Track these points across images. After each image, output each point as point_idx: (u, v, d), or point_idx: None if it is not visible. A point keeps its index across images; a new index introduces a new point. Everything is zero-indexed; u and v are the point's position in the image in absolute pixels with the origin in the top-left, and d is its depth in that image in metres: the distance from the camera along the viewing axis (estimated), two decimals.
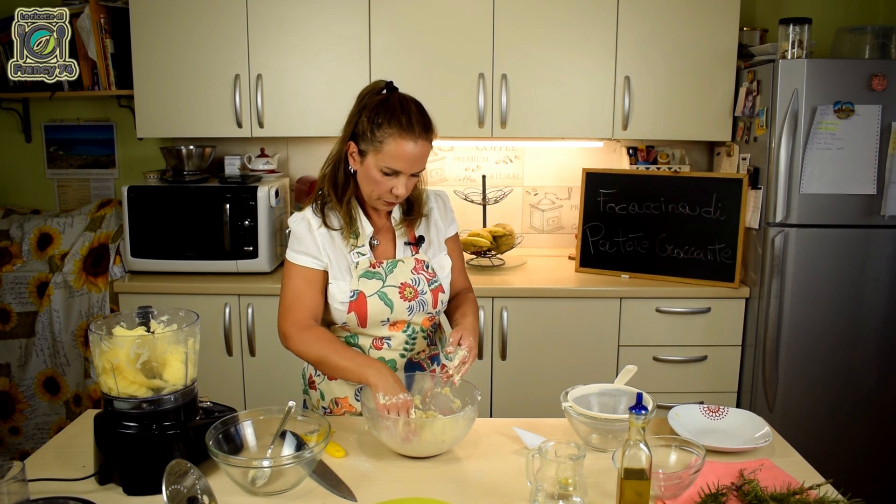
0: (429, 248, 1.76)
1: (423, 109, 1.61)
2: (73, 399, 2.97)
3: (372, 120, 1.57)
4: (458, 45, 2.84)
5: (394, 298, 1.67)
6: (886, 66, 2.54)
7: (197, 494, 1.22)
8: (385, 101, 1.58)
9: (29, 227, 3.02)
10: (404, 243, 1.74)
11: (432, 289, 1.71)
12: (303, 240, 1.67)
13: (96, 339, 1.37)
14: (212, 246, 2.81)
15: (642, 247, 2.92)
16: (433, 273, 1.73)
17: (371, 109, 1.58)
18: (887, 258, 2.64)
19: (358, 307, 1.65)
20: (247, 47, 2.83)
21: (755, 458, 1.50)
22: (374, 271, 1.68)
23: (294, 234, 1.69)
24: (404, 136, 1.55)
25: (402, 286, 1.68)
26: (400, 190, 1.60)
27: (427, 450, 1.50)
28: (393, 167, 1.57)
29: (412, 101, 1.62)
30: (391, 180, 1.60)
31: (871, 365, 2.70)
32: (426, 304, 1.71)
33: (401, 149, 1.56)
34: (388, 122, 1.56)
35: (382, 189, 1.61)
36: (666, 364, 2.82)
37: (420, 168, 1.61)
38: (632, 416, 1.23)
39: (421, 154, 1.59)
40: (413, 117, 1.57)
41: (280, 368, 2.79)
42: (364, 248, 1.68)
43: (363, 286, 1.66)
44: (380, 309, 1.66)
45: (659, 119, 2.91)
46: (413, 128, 1.56)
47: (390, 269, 1.69)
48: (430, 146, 1.61)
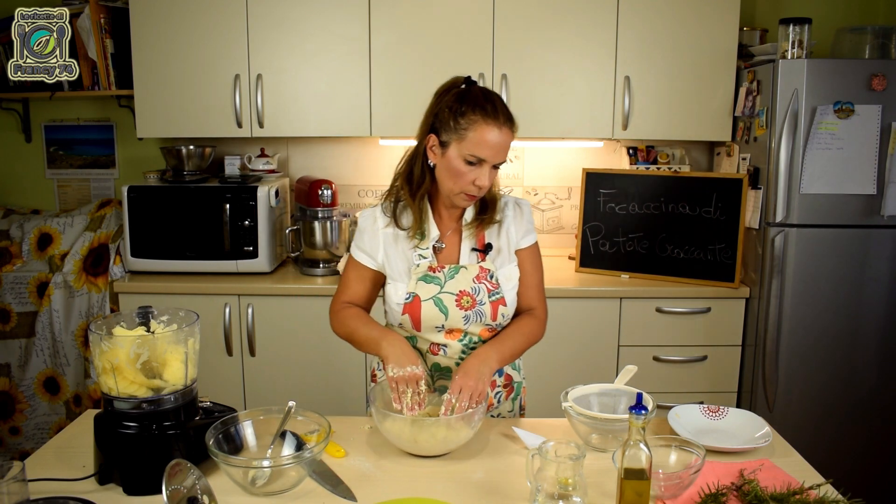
0: (497, 256, 1.70)
1: (505, 103, 1.60)
2: (73, 399, 2.97)
3: (455, 109, 1.55)
4: (458, 45, 2.84)
5: (449, 305, 1.63)
6: (886, 66, 2.54)
7: (197, 494, 1.22)
8: (467, 92, 1.58)
9: (29, 227, 3.02)
10: (471, 249, 1.69)
11: (492, 300, 1.66)
12: (363, 235, 1.69)
13: (96, 339, 1.37)
14: (212, 246, 2.81)
15: (642, 247, 2.92)
16: (496, 284, 1.67)
17: (453, 100, 1.57)
18: (887, 258, 2.64)
19: (412, 310, 1.63)
20: (247, 47, 2.83)
21: (755, 458, 1.50)
22: (433, 276, 1.65)
23: (359, 228, 1.71)
24: (489, 123, 1.53)
25: (459, 294, 1.64)
26: (483, 181, 1.57)
27: (434, 449, 1.50)
28: (477, 154, 1.54)
29: (494, 93, 1.61)
30: (474, 170, 1.56)
31: (871, 365, 2.70)
32: (484, 316, 1.65)
33: (485, 135, 1.53)
34: (473, 109, 1.54)
35: (465, 181, 1.57)
36: (666, 364, 2.82)
37: (502, 159, 1.58)
38: (632, 416, 1.23)
39: (504, 143, 1.56)
40: (498, 106, 1.56)
41: (280, 368, 2.79)
42: (427, 251, 1.66)
43: (420, 290, 1.64)
44: (434, 314, 1.63)
45: (659, 119, 2.91)
46: (498, 115, 1.54)
47: (451, 275, 1.65)
48: (513, 137, 1.58)
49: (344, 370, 2.79)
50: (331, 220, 2.92)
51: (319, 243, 2.91)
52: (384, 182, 3.25)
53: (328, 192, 2.89)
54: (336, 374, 2.79)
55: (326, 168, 3.26)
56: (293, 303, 2.76)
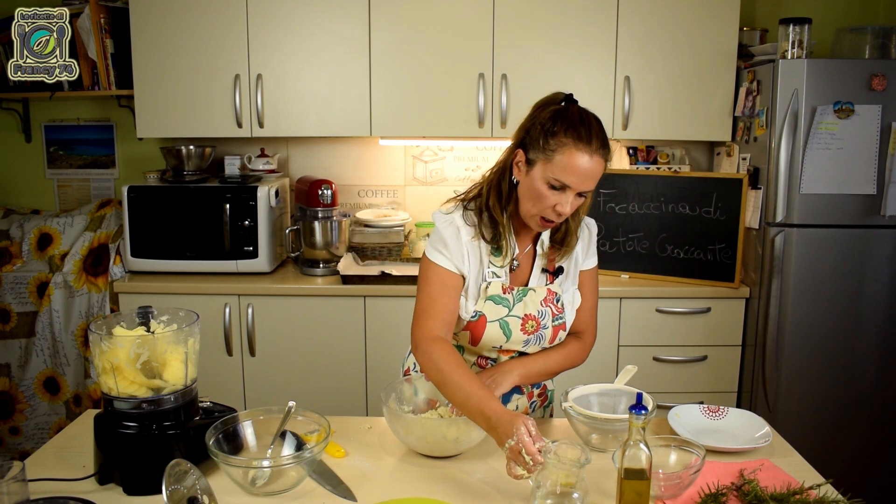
0: (564, 279, 1.65)
1: (603, 127, 1.50)
2: (73, 399, 2.97)
3: (546, 128, 1.46)
4: (458, 45, 2.83)
5: (514, 329, 1.60)
6: (886, 66, 2.54)
7: (197, 494, 1.22)
8: (564, 111, 1.49)
9: (29, 227, 3.02)
10: (541, 270, 1.63)
11: (555, 325, 1.62)
12: (448, 245, 1.56)
13: (96, 339, 1.37)
14: (212, 246, 2.81)
15: (642, 247, 2.92)
16: (561, 308, 1.63)
17: (548, 117, 1.48)
18: (887, 258, 2.64)
19: (475, 329, 1.58)
20: (247, 47, 2.83)
21: (755, 458, 1.50)
22: (502, 297, 1.58)
23: (441, 235, 1.58)
24: (580, 148, 1.44)
25: (525, 317, 1.59)
26: (565, 208, 1.48)
27: (444, 450, 1.50)
28: (562, 180, 1.45)
29: (593, 115, 1.50)
30: (557, 196, 1.47)
31: (871, 365, 2.70)
32: (544, 340, 1.63)
33: (574, 160, 1.44)
34: (565, 131, 1.45)
35: (545, 205, 1.48)
36: (666, 364, 2.82)
37: (590, 187, 1.48)
38: (632, 416, 1.23)
39: (593, 171, 1.46)
40: (593, 130, 1.46)
41: (280, 368, 2.79)
42: (501, 270, 1.59)
43: (487, 310, 1.58)
44: (496, 336, 1.59)
45: (659, 119, 2.91)
46: (591, 141, 1.44)
47: (519, 298, 1.60)
48: (605, 166, 1.48)
49: (344, 370, 2.79)
50: (331, 220, 2.92)
51: (319, 243, 2.91)
52: (384, 182, 3.29)
53: (328, 192, 2.89)
54: (336, 374, 2.79)
55: (326, 168, 3.26)
56: (293, 303, 2.76)
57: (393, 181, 3.29)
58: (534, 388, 1.75)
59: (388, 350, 2.75)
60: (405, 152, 3.26)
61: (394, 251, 3.04)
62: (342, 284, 2.74)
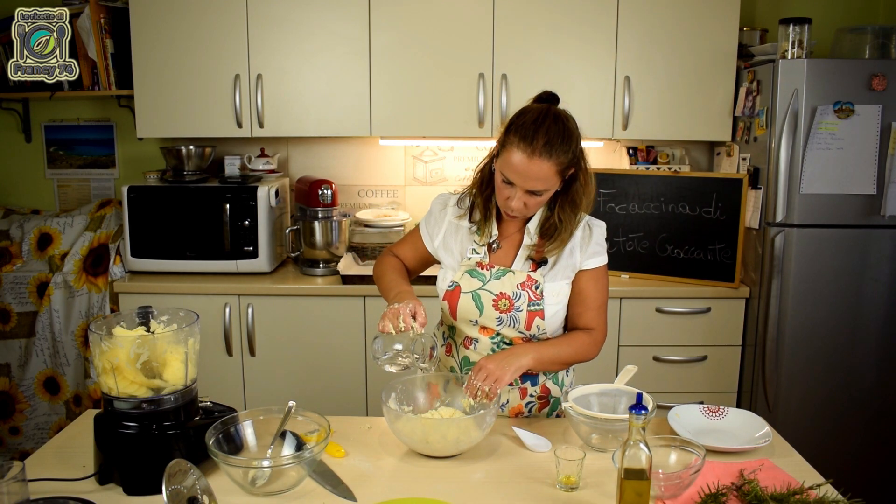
0: (549, 270, 1.68)
1: (562, 130, 1.52)
2: (73, 399, 2.97)
3: (507, 123, 1.56)
4: (458, 45, 2.83)
5: (486, 303, 1.66)
6: (886, 66, 2.54)
7: (197, 494, 1.22)
8: (526, 109, 1.57)
9: (29, 227, 3.02)
10: (527, 257, 1.69)
11: (530, 310, 1.65)
12: (430, 216, 1.80)
13: (96, 339, 1.37)
14: (212, 246, 2.81)
15: (642, 247, 2.92)
16: (540, 295, 1.65)
17: (516, 113, 1.57)
18: (887, 258, 2.64)
19: (451, 299, 1.70)
20: (247, 47, 2.83)
21: (755, 458, 1.50)
22: (479, 271, 1.69)
23: (430, 208, 1.81)
24: (520, 147, 1.50)
25: (499, 295, 1.66)
26: (513, 203, 1.56)
27: (445, 449, 1.50)
28: (507, 176, 1.54)
29: (554, 116, 1.53)
30: (508, 190, 1.56)
31: (871, 365, 2.70)
32: (518, 322, 1.66)
33: (513, 158, 1.51)
34: (516, 129, 1.52)
35: (501, 196, 1.60)
36: (666, 364, 2.82)
37: (533, 186, 1.53)
38: (632, 416, 1.23)
39: (533, 171, 1.50)
40: (540, 132, 1.49)
41: (280, 368, 2.79)
42: (481, 248, 1.71)
43: (463, 281, 1.69)
44: (470, 308, 1.68)
45: (659, 119, 2.91)
46: (533, 141, 1.49)
47: (496, 276, 1.67)
48: (554, 168, 1.51)
49: (344, 370, 2.79)
50: (331, 220, 2.92)
51: (319, 243, 2.91)
52: (384, 182, 3.29)
53: (328, 192, 2.89)
54: (336, 374, 2.79)
55: (326, 168, 3.26)
56: (293, 303, 2.76)
57: (393, 181, 3.29)
58: (527, 383, 1.75)
59: None
60: (405, 152, 3.27)
61: None
62: (342, 284, 2.74)
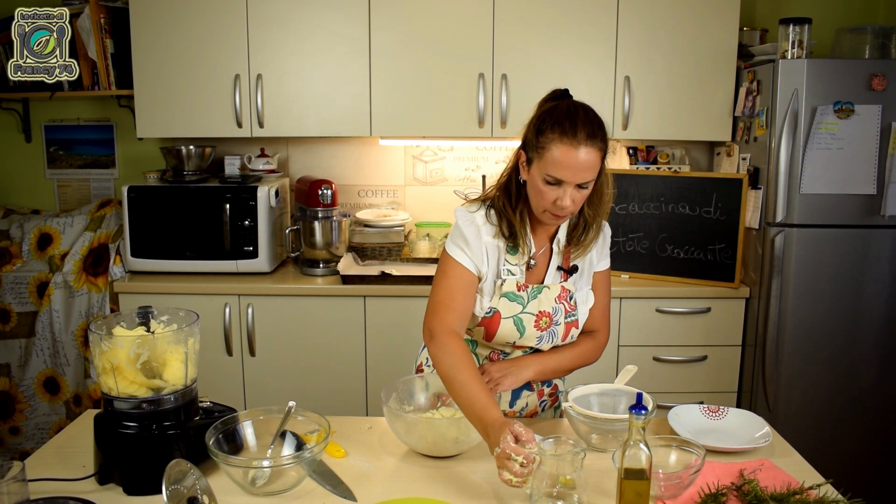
0: (579, 278, 1.68)
1: (594, 117, 1.51)
2: (73, 399, 2.97)
3: (537, 126, 1.51)
4: (458, 45, 2.83)
5: (528, 326, 1.63)
6: (886, 66, 2.54)
7: (197, 494, 1.22)
8: (552, 108, 1.52)
9: (29, 227, 3.02)
10: (557, 267, 1.66)
11: (567, 322, 1.65)
12: (469, 243, 1.59)
13: (96, 339, 1.37)
14: (212, 246, 2.81)
15: (642, 247, 2.92)
16: (574, 306, 1.65)
17: (538, 115, 1.53)
18: (887, 258, 2.64)
19: (489, 325, 1.61)
20: (247, 47, 2.83)
21: (755, 458, 1.50)
22: (517, 294, 1.62)
23: (462, 233, 1.60)
24: (565, 141, 1.46)
25: (539, 314, 1.62)
26: (565, 202, 1.49)
27: (445, 449, 1.50)
28: (555, 175, 1.48)
29: (582, 106, 1.52)
30: (555, 191, 1.50)
31: (871, 365, 2.70)
32: (556, 336, 1.65)
33: (561, 155, 1.46)
34: (551, 127, 1.48)
35: (547, 200, 1.51)
36: (666, 364, 2.82)
37: (585, 178, 1.49)
38: (632, 416, 1.23)
39: (584, 162, 1.46)
40: (578, 122, 1.47)
41: (280, 368, 2.79)
42: (516, 268, 1.62)
43: (502, 306, 1.61)
44: (510, 332, 1.62)
45: (659, 119, 2.91)
46: (576, 133, 1.46)
47: (534, 295, 1.63)
48: (599, 155, 1.49)
49: (344, 370, 2.79)
50: (331, 220, 2.92)
51: (319, 243, 2.91)
52: (384, 182, 3.29)
53: (328, 192, 2.89)
54: (336, 374, 2.79)
55: (326, 168, 3.26)
56: (293, 303, 2.76)
57: (393, 181, 3.29)
58: (545, 387, 1.76)
59: (387, 350, 2.75)
60: (405, 152, 3.27)
61: (394, 251, 3.04)
62: (342, 284, 2.74)
